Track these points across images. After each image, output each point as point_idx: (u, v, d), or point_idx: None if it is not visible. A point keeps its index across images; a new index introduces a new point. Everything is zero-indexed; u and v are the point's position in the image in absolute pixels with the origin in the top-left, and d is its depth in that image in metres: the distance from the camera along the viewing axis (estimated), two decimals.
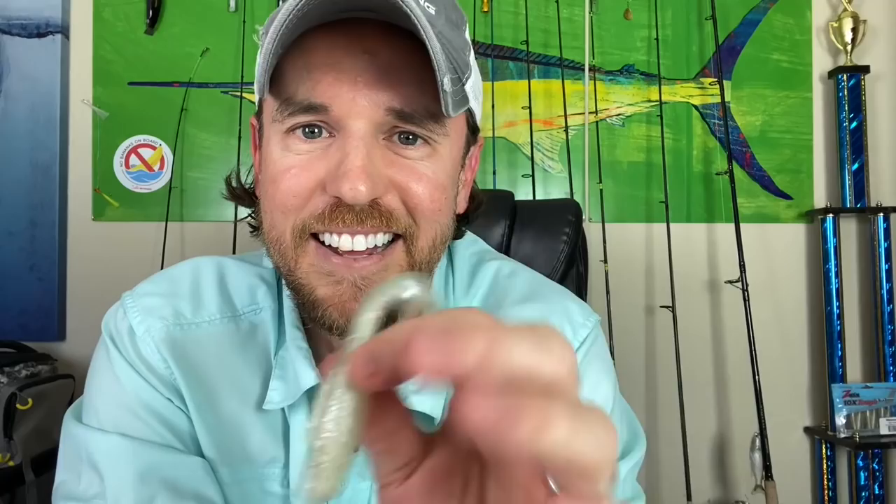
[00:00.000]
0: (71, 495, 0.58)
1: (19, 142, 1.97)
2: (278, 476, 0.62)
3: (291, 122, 0.53)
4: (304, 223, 0.53)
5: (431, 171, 0.55)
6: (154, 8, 1.99)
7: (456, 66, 0.52)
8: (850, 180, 2.07)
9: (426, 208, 0.55)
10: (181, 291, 0.64)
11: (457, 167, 0.59)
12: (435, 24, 0.50)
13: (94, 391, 0.62)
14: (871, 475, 1.98)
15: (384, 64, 0.52)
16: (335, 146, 0.53)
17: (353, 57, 0.52)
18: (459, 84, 0.53)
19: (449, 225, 0.59)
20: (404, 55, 0.52)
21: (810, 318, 2.12)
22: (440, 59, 0.49)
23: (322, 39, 0.52)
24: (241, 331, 0.64)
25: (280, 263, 0.56)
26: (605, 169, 2.03)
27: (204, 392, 0.61)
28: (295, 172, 0.53)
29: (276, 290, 0.66)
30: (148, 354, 0.61)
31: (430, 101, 0.52)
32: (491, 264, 0.71)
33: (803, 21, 2.15)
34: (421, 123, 0.53)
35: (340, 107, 0.52)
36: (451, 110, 0.51)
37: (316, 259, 0.54)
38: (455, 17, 0.56)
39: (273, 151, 0.55)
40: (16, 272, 1.96)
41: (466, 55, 0.57)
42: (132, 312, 0.62)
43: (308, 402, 0.61)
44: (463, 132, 0.60)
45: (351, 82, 0.51)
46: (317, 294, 0.54)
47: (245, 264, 0.68)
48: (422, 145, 0.54)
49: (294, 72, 0.53)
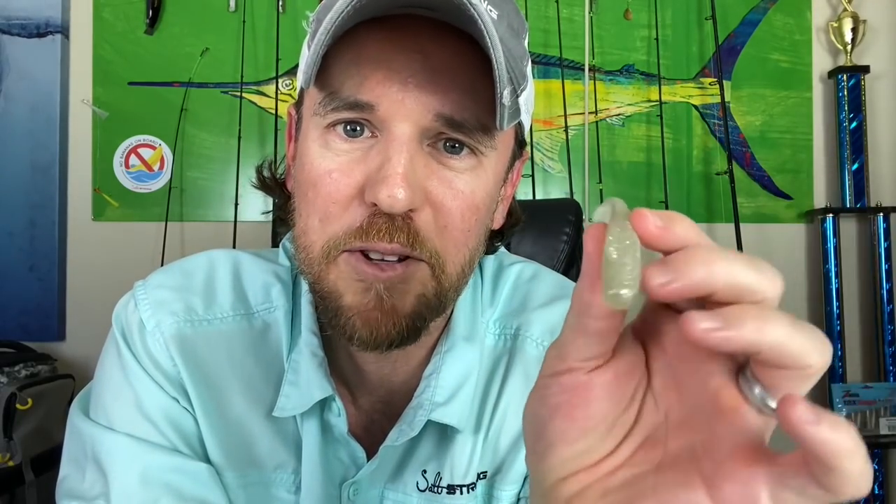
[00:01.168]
0: (74, 493, 0.57)
1: (19, 142, 1.97)
2: (286, 482, 0.61)
3: (334, 118, 0.51)
4: (338, 239, 0.51)
5: (470, 189, 0.52)
6: (154, 8, 1.99)
7: (514, 77, 0.50)
8: (850, 180, 2.07)
9: (456, 228, 0.52)
10: (194, 285, 0.63)
11: (499, 183, 0.56)
12: (497, 31, 0.47)
13: (103, 387, 0.61)
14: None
15: (438, 66, 0.49)
16: (377, 149, 0.50)
17: (405, 55, 0.49)
18: (515, 96, 0.51)
19: (479, 247, 0.56)
20: (459, 59, 0.50)
21: (810, 318, 2.12)
22: (502, 71, 0.46)
23: (374, 34, 0.50)
24: (253, 329, 0.62)
25: (306, 268, 0.54)
26: (605, 169, 2.03)
27: (212, 393, 0.60)
28: (335, 178, 0.51)
29: (290, 289, 0.64)
30: (156, 352, 0.60)
31: (481, 111, 0.50)
32: (511, 269, 0.69)
33: (803, 21, 2.15)
34: (470, 133, 0.50)
35: (388, 107, 0.49)
36: (505, 124, 0.49)
37: (346, 266, 0.52)
38: (517, 25, 0.54)
39: (311, 148, 0.52)
40: (16, 272, 1.96)
41: (524, 65, 0.54)
42: (143, 305, 0.61)
43: (321, 410, 0.60)
44: (510, 146, 0.57)
45: (401, 82, 0.49)
46: (343, 301, 0.52)
47: (261, 260, 0.66)
48: (467, 156, 0.52)
49: (342, 65, 0.50)
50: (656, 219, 0.29)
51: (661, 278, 0.27)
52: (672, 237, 0.28)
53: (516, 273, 0.68)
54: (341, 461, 0.61)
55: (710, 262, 0.27)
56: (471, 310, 0.64)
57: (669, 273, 0.27)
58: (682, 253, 0.28)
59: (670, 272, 0.27)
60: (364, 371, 0.61)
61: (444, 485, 0.61)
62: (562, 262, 0.99)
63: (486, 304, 0.66)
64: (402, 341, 0.52)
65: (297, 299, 0.63)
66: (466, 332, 0.62)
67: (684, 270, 0.27)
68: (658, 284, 0.27)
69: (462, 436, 0.61)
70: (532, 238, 1.00)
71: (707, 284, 0.27)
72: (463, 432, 0.61)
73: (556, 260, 0.99)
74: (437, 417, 0.58)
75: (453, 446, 0.61)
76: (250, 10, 2.02)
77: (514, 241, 1.01)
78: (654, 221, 0.29)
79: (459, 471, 0.61)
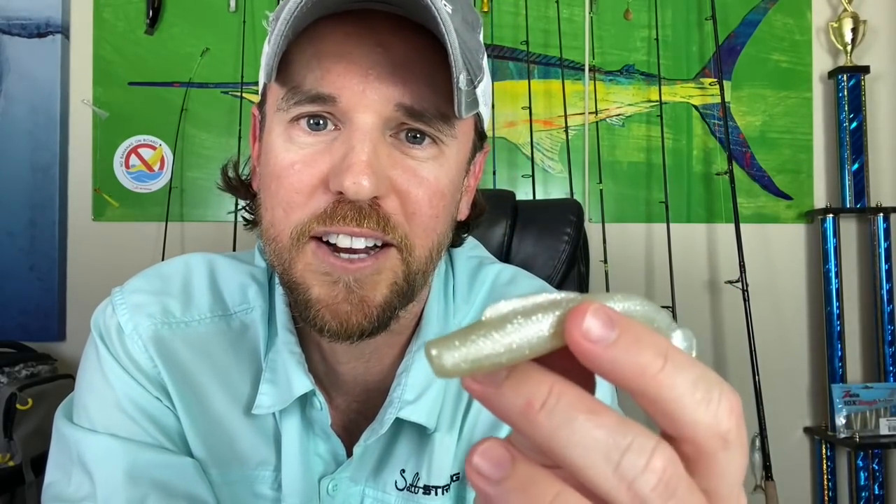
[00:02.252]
0: (60, 497, 0.58)
1: (19, 142, 1.97)
2: (268, 479, 0.62)
3: (296, 112, 0.52)
4: (304, 225, 0.52)
5: (434, 176, 0.53)
6: (154, 8, 1.99)
7: (470, 67, 0.51)
8: (850, 180, 2.07)
9: (424, 214, 0.53)
10: (171, 289, 0.63)
11: (461, 172, 0.58)
12: (452, 22, 0.49)
13: (84, 390, 0.61)
14: (871, 475, 1.98)
15: (397, 58, 0.50)
16: (340, 140, 0.51)
17: (365, 49, 0.50)
18: (472, 86, 0.52)
19: (447, 233, 0.57)
20: (417, 51, 0.51)
21: (810, 319, 2.12)
22: (457, 56, 0.48)
23: (334, 28, 0.51)
24: (231, 330, 0.63)
25: (275, 261, 0.55)
26: (605, 169, 2.03)
27: (192, 392, 0.61)
28: (298, 168, 0.52)
29: (266, 289, 0.65)
30: (136, 353, 0.60)
31: (441, 101, 0.51)
32: (490, 269, 0.69)
33: (803, 21, 2.15)
34: (430, 122, 0.52)
35: (349, 99, 0.50)
36: (463, 111, 0.50)
37: (314, 259, 0.52)
38: (471, 19, 0.55)
39: (275, 143, 0.53)
40: (16, 272, 1.96)
41: (480, 58, 0.55)
42: (120, 309, 0.62)
43: (301, 407, 0.60)
44: (470, 136, 0.59)
45: (362, 74, 0.50)
46: (311, 294, 0.53)
47: (236, 262, 0.67)
48: (429, 145, 0.53)
49: (303, 59, 0.51)
50: (598, 324, 0.22)
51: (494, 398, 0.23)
52: (604, 360, 0.22)
53: (494, 274, 0.69)
54: (321, 457, 0.62)
55: (573, 420, 0.22)
56: (443, 309, 0.65)
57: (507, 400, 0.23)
58: (558, 400, 0.22)
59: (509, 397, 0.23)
60: (337, 371, 0.61)
61: (420, 485, 0.62)
62: (563, 263, 0.99)
63: (461, 303, 0.67)
64: (374, 331, 0.53)
65: (273, 299, 0.64)
66: (438, 332, 0.62)
67: (534, 425, 0.22)
68: (480, 390, 0.23)
69: (439, 436, 0.62)
70: (533, 238, 1.00)
71: (548, 448, 0.22)
72: (439, 432, 0.61)
73: (557, 260, 0.99)
74: (405, 415, 0.59)
75: (431, 447, 0.62)
76: (250, 10, 2.01)
77: (516, 241, 1.00)
78: (592, 326, 0.22)
79: (436, 472, 0.62)
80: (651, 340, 0.22)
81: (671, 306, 1.90)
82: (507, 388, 0.22)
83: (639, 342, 0.22)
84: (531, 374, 0.22)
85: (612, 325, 0.22)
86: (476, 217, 0.66)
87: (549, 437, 0.22)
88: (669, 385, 0.22)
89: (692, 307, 2.05)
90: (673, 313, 1.90)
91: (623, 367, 0.22)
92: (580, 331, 0.21)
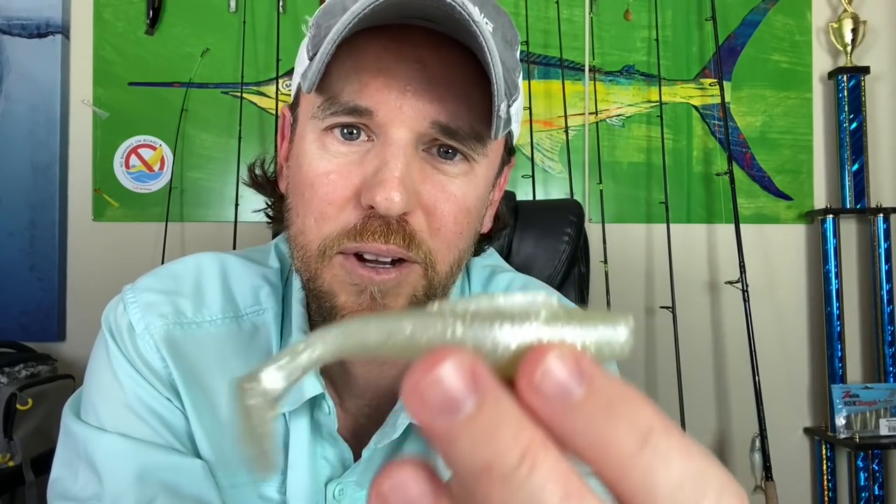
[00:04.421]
0: (66, 494, 0.58)
1: (19, 142, 1.97)
2: (275, 483, 0.61)
3: (332, 122, 0.52)
4: (333, 240, 0.52)
5: (462, 192, 0.53)
6: (154, 8, 1.99)
7: (508, 89, 0.51)
8: (850, 181, 2.07)
9: (449, 230, 0.53)
10: (183, 289, 0.64)
11: (489, 188, 0.58)
12: (493, 42, 0.48)
13: (94, 388, 0.61)
14: (871, 476, 1.98)
15: (435, 74, 0.51)
16: (373, 152, 0.52)
17: (404, 64, 0.51)
18: (507, 107, 0.52)
19: (469, 248, 0.58)
20: (455, 69, 0.51)
21: (810, 319, 2.12)
22: (500, 85, 0.48)
23: (373, 42, 0.51)
24: (242, 331, 0.63)
25: (302, 268, 0.55)
26: (605, 169, 2.03)
27: (202, 394, 0.61)
28: (333, 179, 0.52)
29: (279, 291, 0.65)
30: (147, 353, 0.60)
31: (475, 120, 0.51)
32: (503, 277, 0.70)
33: (803, 22, 2.15)
34: (464, 141, 0.52)
35: (386, 113, 0.51)
36: (499, 134, 0.50)
37: (341, 270, 0.53)
38: (510, 36, 0.55)
39: (308, 149, 0.54)
40: (16, 272, 1.96)
41: (517, 77, 0.56)
42: (132, 308, 0.62)
43: (310, 409, 0.60)
44: (500, 153, 0.59)
45: (399, 89, 0.50)
46: (337, 301, 0.53)
47: (249, 263, 0.67)
48: (460, 161, 0.53)
49: (342, 71, 0.52)
50: (562, 370, 0.17)
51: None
52: (557, 424, 0.17)
53: (507, 282, 0.69)
54: (328, 461, 0.62)
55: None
56: None
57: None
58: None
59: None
60: (351, 374, 0.61)
61: None
62: (563, 263, 0.99)
63: None
64: None
65: (287, 301, 0.64)
66: None
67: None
68: (428, 421, 0.17)
69: None
70: (533, 239, 1.00)
71: None
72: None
73: (557, 261, 0.99)
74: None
75: None
76: (251, 10, 2.01)
77: (516, 241, 1.00)
78: (553, 372, 0.17)
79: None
80: (629, 407, 0.17)
81: (671, 307, 1.90)
82: (464, 431, 0.16)
83: (610, 408, 0.16)
84: (504, 420, 0.16)
85: (581, 376, 0.17)
86: (499, 230, 0.66)
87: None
88: (642, 477, 0.16)
89: (692, 308, 2.05)
90: (673, 314, 1.90)
91: (582, 437, 0.16)
92: (532, 378, 0.16)
